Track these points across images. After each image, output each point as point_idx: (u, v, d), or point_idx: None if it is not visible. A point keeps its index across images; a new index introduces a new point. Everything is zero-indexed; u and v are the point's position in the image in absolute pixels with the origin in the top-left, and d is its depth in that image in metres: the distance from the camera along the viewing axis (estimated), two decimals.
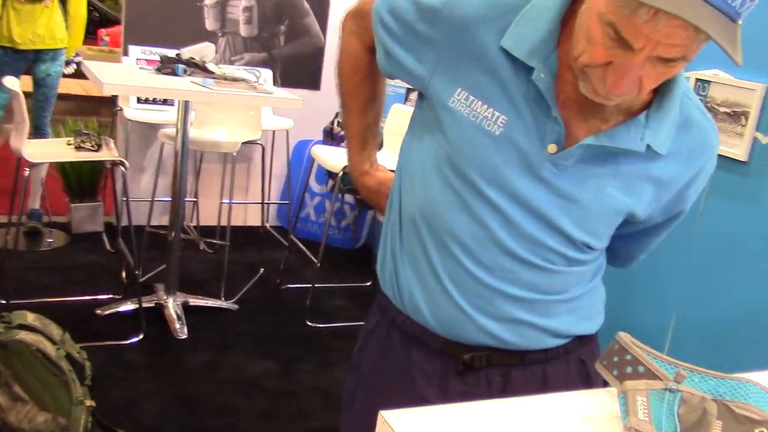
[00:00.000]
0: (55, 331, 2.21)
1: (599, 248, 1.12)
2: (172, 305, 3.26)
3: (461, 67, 1.03)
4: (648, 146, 1.01)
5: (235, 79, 3.14)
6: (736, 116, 2.08)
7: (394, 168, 1.22)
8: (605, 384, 1.22)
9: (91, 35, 6.79)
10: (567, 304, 1.13)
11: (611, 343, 0.98)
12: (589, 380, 1.18)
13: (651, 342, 0.99)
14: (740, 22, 0.84)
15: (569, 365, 1.18)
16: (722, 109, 2.12)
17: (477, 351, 1.12)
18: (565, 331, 1.14)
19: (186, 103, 3.10)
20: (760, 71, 2.03)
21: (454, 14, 1.02)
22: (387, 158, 1.51)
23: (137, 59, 3.95)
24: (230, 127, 3.90)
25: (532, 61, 0.98)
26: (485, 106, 1.01)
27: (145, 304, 3.16)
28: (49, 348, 2.10)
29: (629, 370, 0.93)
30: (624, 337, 0.97)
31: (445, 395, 1.14)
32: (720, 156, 2.13)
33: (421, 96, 1.14)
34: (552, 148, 1.00)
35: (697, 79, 2.18)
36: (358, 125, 1.34)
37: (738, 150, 2.07)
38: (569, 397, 0.96)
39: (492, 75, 1.01)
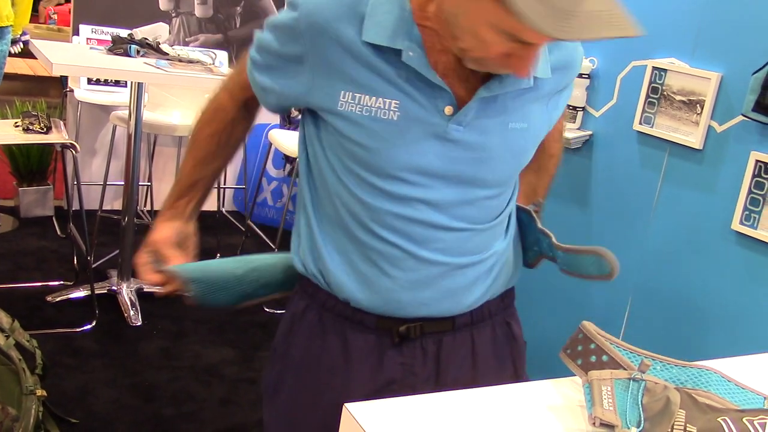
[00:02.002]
0: (4, 319, 2.15)
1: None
2: (126, 291, 3.19)
3: (336, 70, 1.05)
4: (534, 77, 1.07)
5: (190, 61, 3.08)
6: (692, 105, 2.11)
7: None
8: (521, 343, 1.27)
9: (36, 13, 6.56)
10: (493, 261, 1.18)
11: (575, 332, 0.98)
12: (514, 339, 1.27)
13: (607, 325, 1.00)
14: None
15: (494, 328, 1.24)
16: (678, 98, 2.15)
17: (411, 322, 1.15)
18: (494, 288, 1.20)
19: (139, 85, 3.02)
20: (716, 60, 2.06)
21: (310, 23, 1.05)
22: None
23: (88, 39, 3.84)
24: (185, 109, 3.82)
25: (396, 43, 1.01)
26: (374, 98, 1.04)
27: (97, 291, 3.09)
28: None
29: (593, 359, 0.94)
30: (588, 326, 0.97)
31: (381, 368, 1.16)
32: (675, 144, 2.19)
33: (307, 110, 1.14)
34: (449, 110, 1.04)
35: (654, 68, 2.20)
36: (187, 174, 1.30)
37: (693, 138, 2.10)
38: (534, 387, 0.96)
39: (367, 67, 1.03)
